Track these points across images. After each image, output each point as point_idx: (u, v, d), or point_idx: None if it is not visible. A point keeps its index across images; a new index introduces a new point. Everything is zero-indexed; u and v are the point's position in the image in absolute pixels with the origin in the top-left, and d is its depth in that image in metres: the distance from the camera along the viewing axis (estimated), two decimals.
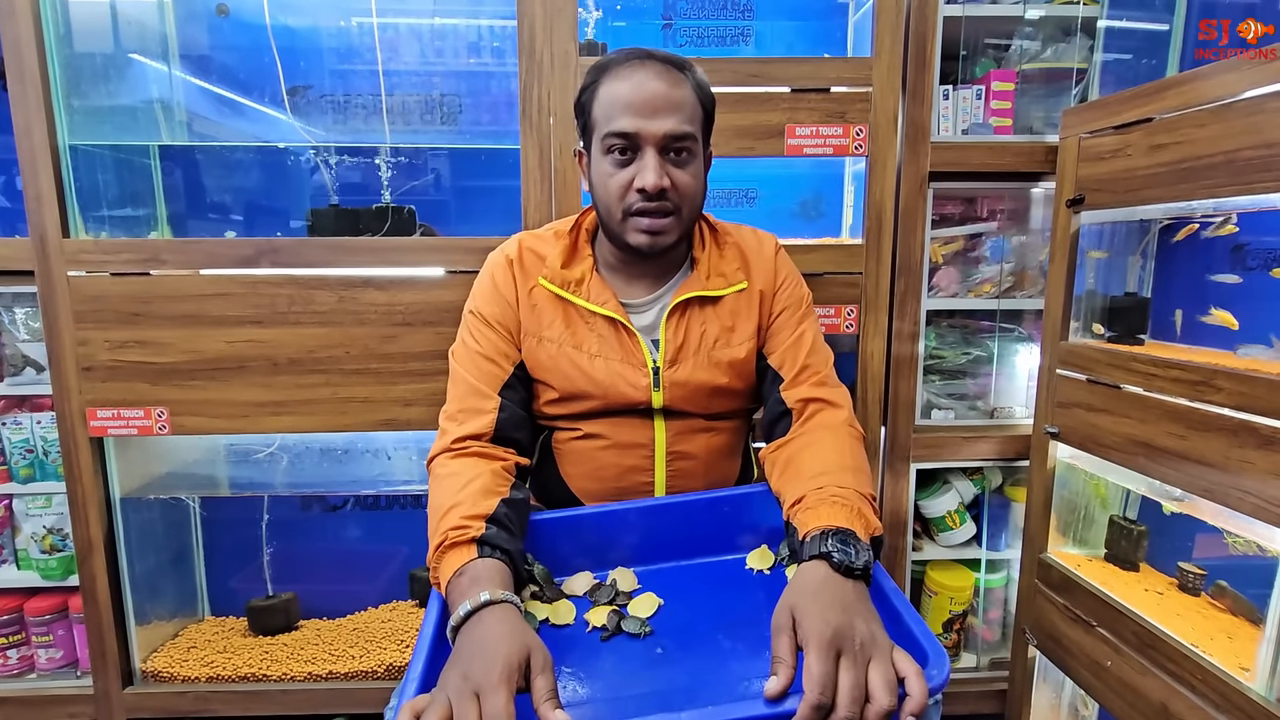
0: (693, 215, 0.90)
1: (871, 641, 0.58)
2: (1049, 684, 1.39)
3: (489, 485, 0.80)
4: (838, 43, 1.59)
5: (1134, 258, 1.32)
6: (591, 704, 0.65)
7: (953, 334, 1.51)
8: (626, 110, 0.82)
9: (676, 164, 0.85)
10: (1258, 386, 0.89)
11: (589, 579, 0.84)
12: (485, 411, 0.89)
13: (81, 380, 1.28)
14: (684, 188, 0.86)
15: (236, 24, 1.44)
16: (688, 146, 0.85)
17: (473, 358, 0.92)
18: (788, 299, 0.98)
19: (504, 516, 0.77)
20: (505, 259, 0.95)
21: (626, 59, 0.85)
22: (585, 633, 0.76)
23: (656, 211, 0.85)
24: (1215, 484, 0.95)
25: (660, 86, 0.83)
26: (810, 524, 0.71)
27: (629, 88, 0.83)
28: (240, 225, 1.57)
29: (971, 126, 1.36)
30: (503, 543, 0.73)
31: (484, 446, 0.87)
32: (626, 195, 0.85)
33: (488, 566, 0.69)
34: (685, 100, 0.84)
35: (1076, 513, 1.35)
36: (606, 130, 0.84)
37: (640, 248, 0.87)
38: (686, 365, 0.93)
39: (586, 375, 0.92)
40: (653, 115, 0.82)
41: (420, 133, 1.45)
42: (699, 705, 0.56)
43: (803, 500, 0.76)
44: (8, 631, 1.42)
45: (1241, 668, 0.95)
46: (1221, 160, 0.94)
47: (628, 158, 0.84)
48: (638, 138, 0.83)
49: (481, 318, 0.94)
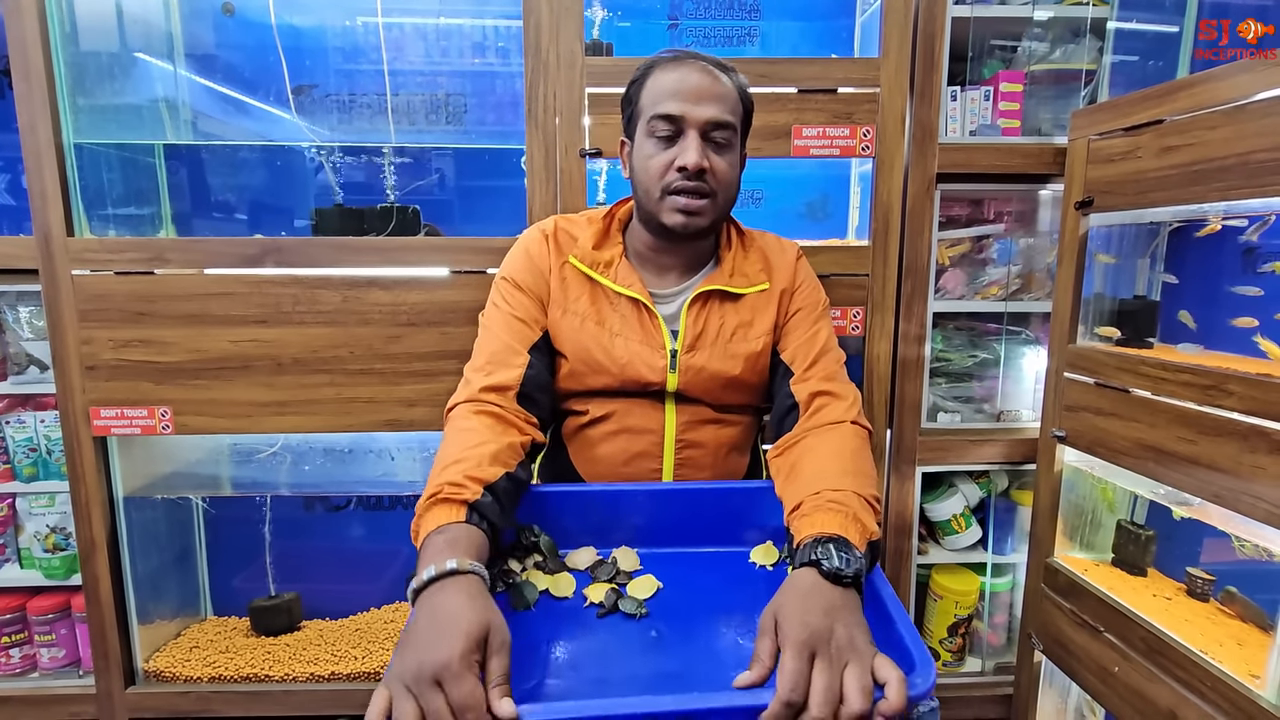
0: (727, 203, 0.94)
1: (849, 646, 0.58)
2: (1055, 689, 1.38)
3: (500, 453, 0.80)
4: (844, 43, 1.59)
5: (1143, 260, 1.31)
6: (578, 680, 0.66)
7: (959, 336, 1.50)
8: (674, 96, 0.87)
9: (716, 150, 0.89)
10: (1270, 391, 0.88)
11: (592, 554, 0.85)
12: (514, 365, 0.90)
13: (85, 379, 1.28)
14: (721, 174, 0.90)
15: (242, 23, 1.44)
16: (727, 138, 0.89)
17: (504, 318, 0.95)
18: (804, 299, 1.00)
19: (503, 491, 0.76)
20: (541, 234, 0.99)
21: (675, 56, 0.91)
22: (583, 607, 0.76)
23: (694, 191, 0.88)
24: (1226, 489, 0.94)
25: (706, 79, 0.88)
26: (804, 531, 0.71)
27: (677, 77, 0.88)
28: (245, 224, 1.57)
29: (979, 128, 1.35)
30: (492, 515, 0.73)
31: (507, 403, 0.88)
32: (667, 174, 0.89)
33: (469, 533, 0.68)
34: (729, 94, 0.90)
35: (1083, 517, 1.34)
36: (653, 113, 0.88)
37: (675, 227, 0.90)
38: (704, 353, 0.95)
39: (606, 351, 0.94)
40: (698, 101, 0.87)
41: (425, 132, 1.45)
42: (687, 690, 0.55)
43: (800, 507, 0.77)
44: (10, 630, 1.42)
45: (1252, 675, 0.94)
46: (1234, 163, 0.93)
47: (671, 140, 0.88)
48: (682, 120, 0.87)
49: (514, 282, 0.96)
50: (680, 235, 0.92)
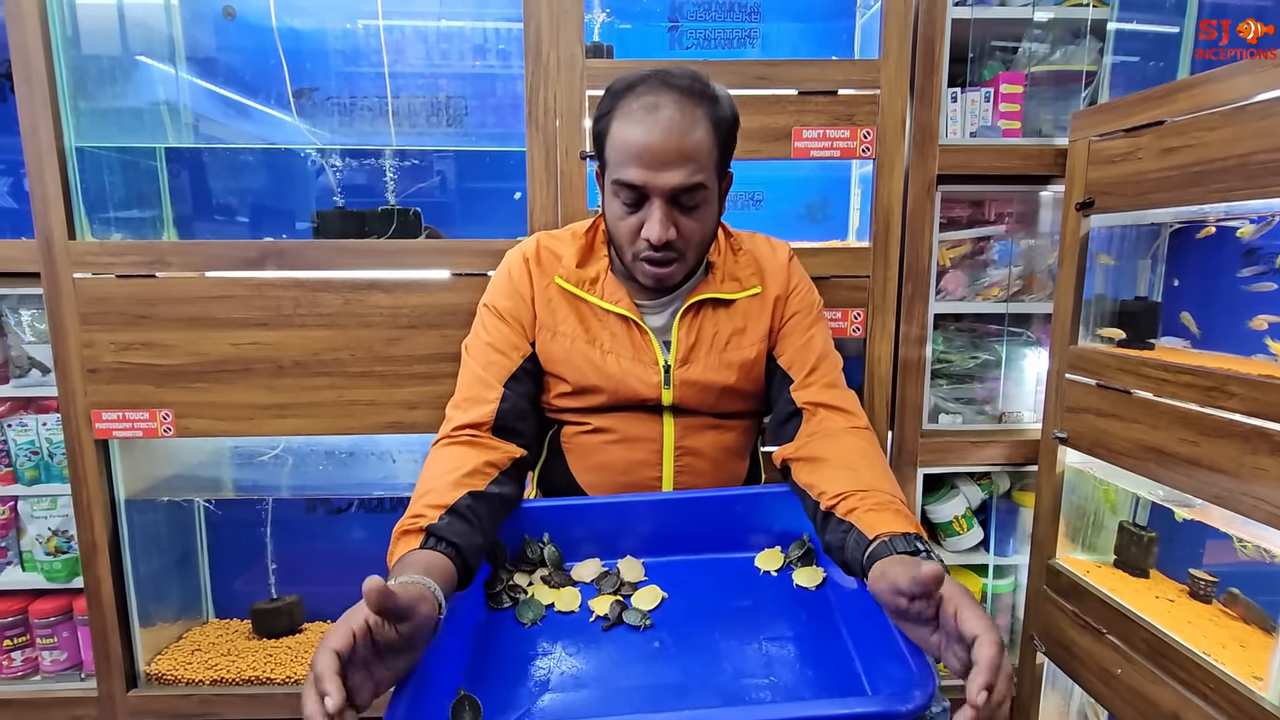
0: (701, 253, 0.91)
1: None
2: (1057, 691, 1.38)
3: (465, 477, 0.80)
4: (844, 45, 1.59)
5: (1144, 261, 1.31)
6: (585, 693, 0.66)
7: (960, 338, 1.50)
8: (636, 161, 0.81)
9: (684, 211, 0.85)
10: (1271, 392, 0.88)
11: (597, 566, 0.85)
12: (487, 401, 0.90)
13: (87, 382, 1.28)
14: (690, 235, 0.86)
15: (243, 26, 1.44)
16: (698, 198, 0.84)
17: (482, 348, 0.94)
18: (799, 303, 0.98)
19: (465, 509, 0.76)
20: (523, 256, 0.97)
21: (644, 91, 0.82)
22: (589, 621, 0.77)
23: (661, 261, 0.87)
24: (1228, 491, 0.94)
25: (672, 137, 0.80)
26: (881, 527, 0.71)
27: (640, 134, 0.80)
28: (246, 227, 1.57)
29: (980, 129, 1.35)
30: (453, 535, 0.72)
31: (480, 435, 0.88)
32: (634, 241, 0.87)
33: (424, 558, 0.68)
34: (698, 148, 0.81)
35: (1085, 518, 1.33)
36: (615, 177, 0.84)
37: (648, 284, 0.91)
38: (698, 365, 0.94)
39: (599, 370, 0.93)
40: (661, 168, 0.81)
41: (426, 135, 1.45)
42: (689, 703, 0.56)
43: (852, 496, 0.77)
44: (12, 633, 1.42)
45: (1255, 677, 0.93)
46: (1234, 164, 0.93)
47: (636, 205, 0.85)
48: (645, 189, 0.82)
49: (494, 310, 0.96)
50: (655, 290, 0.93)
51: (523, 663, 0.69)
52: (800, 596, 0.80)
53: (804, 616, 0.77)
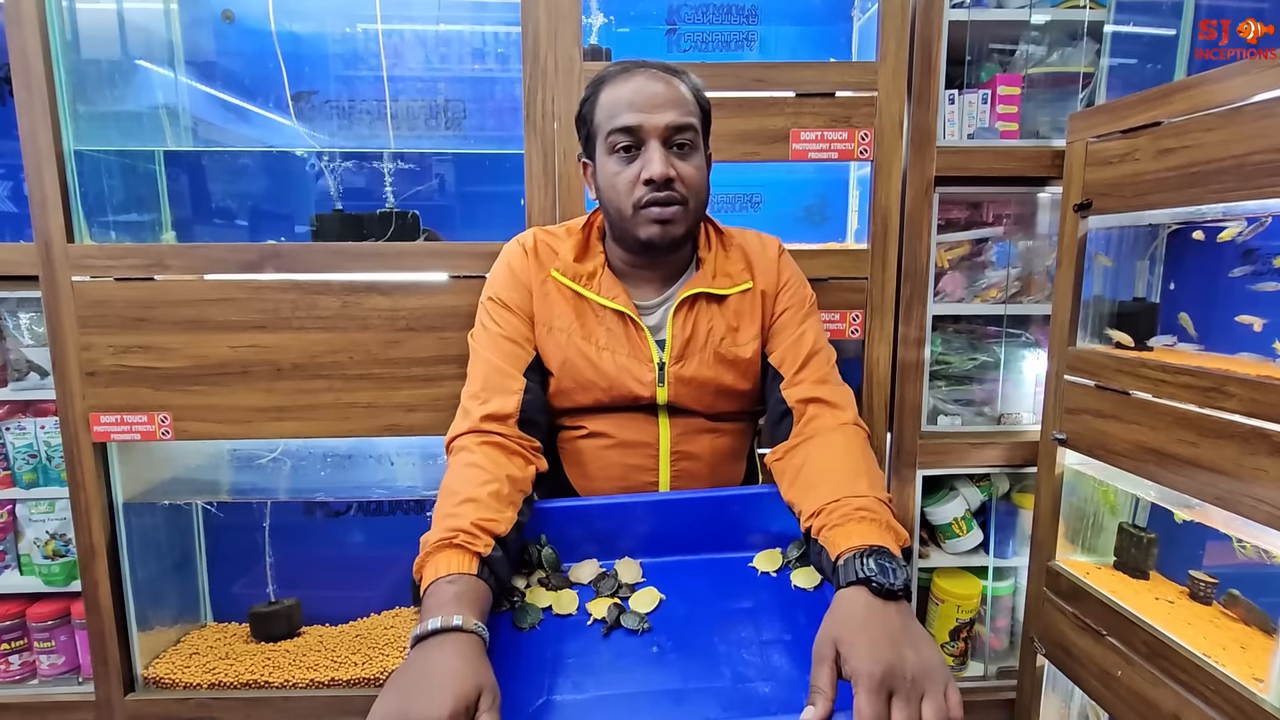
0: (699, 208, 0.92)
1: (924, 675, 0.57)
2: (1058, 693, 1.37)
3: (508, 493, 0.79)
4: (842, 47, 1.59)
5: (1142, 262, 1.31)
6: (583, 700, 0.66)
7: (959, 339, 1.49)
8: (629, 107, 0.86)
9: (680, 156, 0.88)
10: (1270, 393, 0.87)
11: (595, 567, 0.85)
12: (512, 391, 0.89)
13: (85, 385, 1.28)
14: (689, 179, 0.88)
15: (242, 30, 1.44)
16: (689, 139, 0.88)
17: (494, 340, 0.93)
18: (790, 299, 0.98)
19: (511, 544, 0.76)
20: (521, 248, 0.97)
21: (622, 68, 0.90)
22: (586, 624, 0.77)
23: (665, 201, 0.87)
24: (1227, 492, 0.94)
25: (658, 85, 0.87)
26: (842, 544, 0.70)
27: (629, 89, 0.87)
28: (245, 230, 1.57)
29: (977, 131, 1.36)
30: (501, 571, 0.73)
31: (509, 431, 0.87)
32: (635, 189, 0.87)
33: (477, 589, 0.68)
34: (683, 97, 0.88)
35: (1085, 520, 1.33)
36: (610, 128, 0.87)
37: (652, 239, 0.89)
38: (693, 361, 0.94)
39: (594, 366, 0.93)
40: (653, 109, 0.86)
41: (424, 138, 1.46)
42: (688, 708, 0.55)
43: (823, 512, 0.75)
44: (10, 637, 1.41)
45: (1255, 678, 0.93)
46: (1231, 164, 0.93)
47: (632, 154, 0.87)
48: (641, 130, 0.86)
49: (500, 302, 0.95)
50: (659, 247, 0.90)
51: (521, 667, 0.69)
52: (798, 597, 0.80)
53: (802, 618, 0.77)
